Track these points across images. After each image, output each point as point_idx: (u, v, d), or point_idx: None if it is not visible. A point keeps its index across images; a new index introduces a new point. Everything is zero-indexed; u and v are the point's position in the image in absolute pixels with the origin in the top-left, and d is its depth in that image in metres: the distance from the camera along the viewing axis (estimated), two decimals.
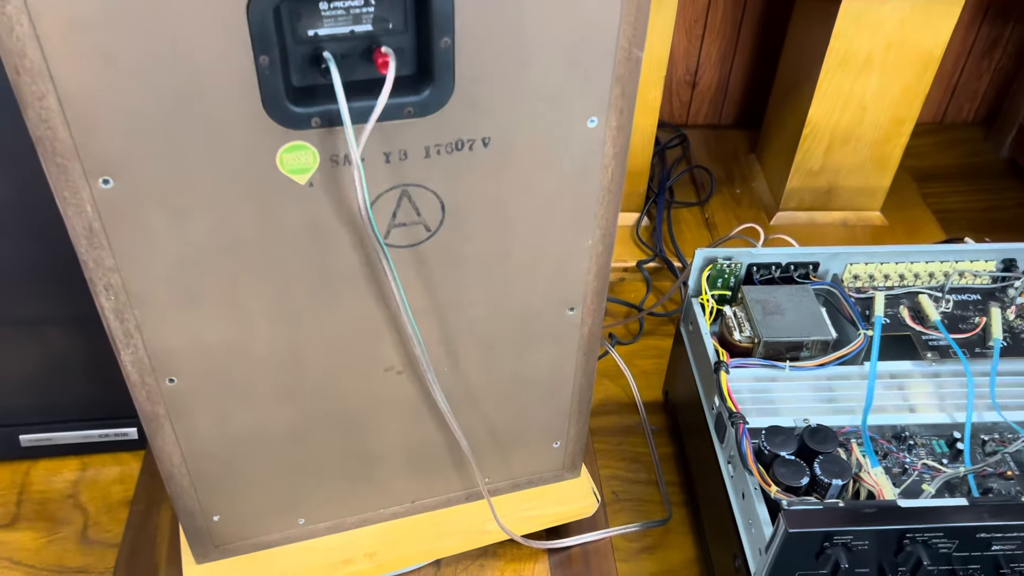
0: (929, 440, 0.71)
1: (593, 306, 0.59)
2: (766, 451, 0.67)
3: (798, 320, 0.76)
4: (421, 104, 0.46)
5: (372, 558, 0.67)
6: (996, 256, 0.82)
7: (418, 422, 0.62)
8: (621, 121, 0.49)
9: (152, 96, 0.42)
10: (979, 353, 0.77)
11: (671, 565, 0.81)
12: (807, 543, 0.60)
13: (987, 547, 0.61)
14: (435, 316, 0.56)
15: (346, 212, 0.49)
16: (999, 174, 1.29)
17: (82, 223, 0.45)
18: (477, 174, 0.50)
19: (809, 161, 1.09)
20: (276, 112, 0.44)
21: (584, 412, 0.67)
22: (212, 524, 0.64)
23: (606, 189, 0.52)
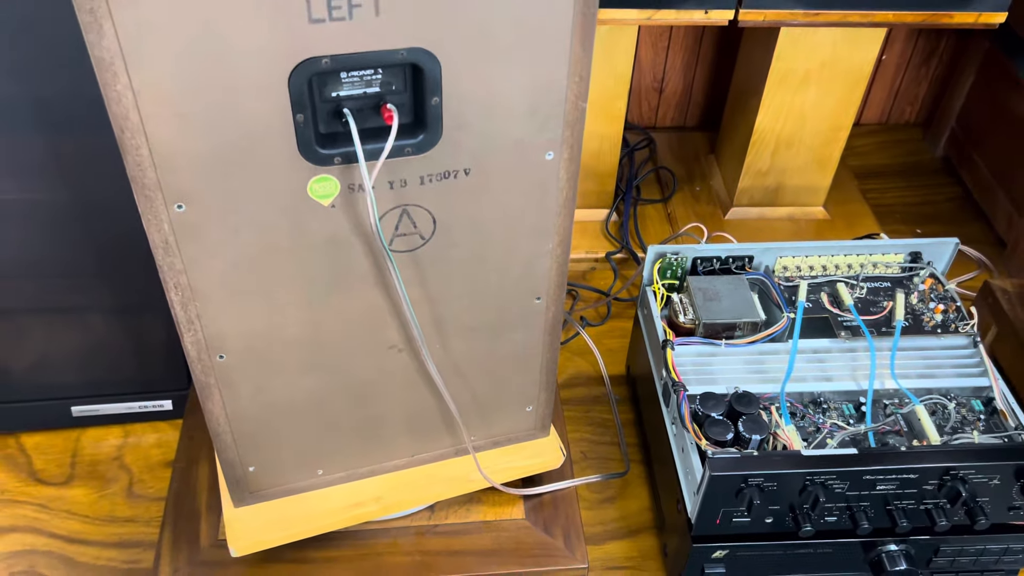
0: (840, 404, 0.86)
1: (555, 295, 0.73)
2: (700, 413, 0.81)
3: (733, 305, 0.90)
4: (417, 145, 0.60)
5: (379, 501, 0.81)
6: (904, 250, 0.96)
7: (416, 390, 0.76)
8: (572, 154, 0.63)
9: (215, 144, 0.56)
10: (885, 331, 0.91)
11: (628, 512, 0.95)
12: (728, 485, 0.74)
13: (873, 487, 0.76)
14: (429, 305, 0.70)
15: (360, 226, 0.63)
16: (934, 171, 1.43)
17: (160, 238, 0.59)
18: (461, 196, 0.64)
19: (758, 163, 1.22)
20: (308, 154, 0.58)
21: (551, 381, 0.81)
22: (248, 474, 0.78)
23: (562, 205, 0.66)
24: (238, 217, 0.59)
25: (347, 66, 0.55)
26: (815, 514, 0.77)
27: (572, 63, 0.58)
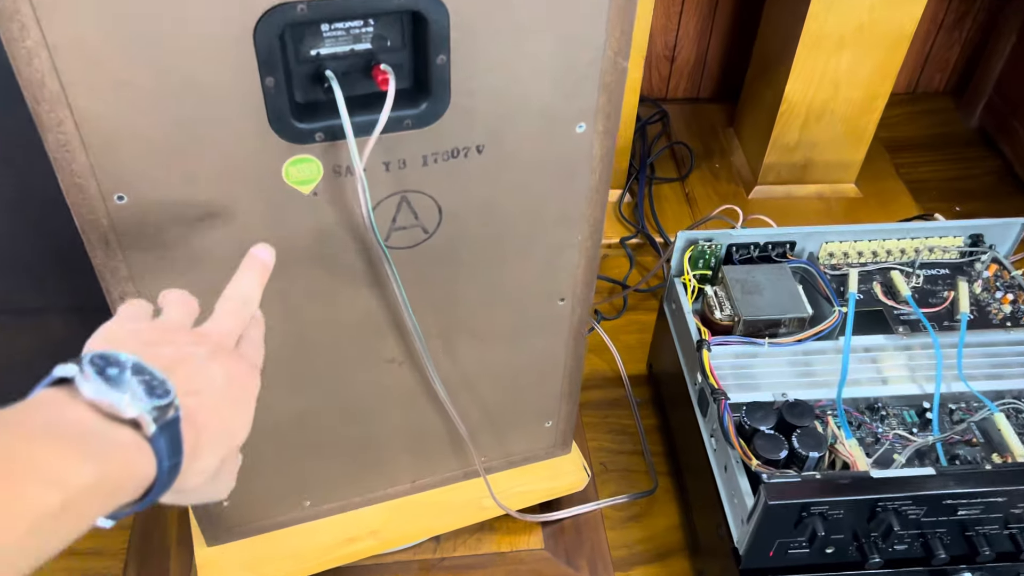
0: (900, 411, 0.75)
1: (582, 296, 0.62)
2: (747, 426, 0.70)
3: (776, 298, 0.79)
4: (419, 116, 0.48)
5: (376, 535, 0.71)
6: (963, 232, 0.86)
7: (418, 408, 0.65)
8: (608, 126, 0.52)
9: (164, 118, 0.44)
10: (947, 326, 0.81)
11: (656, 531, 0.85)
12: (786, 514, 0.64)
13: (953, 512, 0.65)
14: (433, 311, 0.59)
15: (349, 218, 0.51)
16: (968, 143, 1.32)
17: (98, 236, 0.47)
18: (472, 179, 0.52)
19: (785, 136, 1.11)
20: (281, 129, 0.46)
21: (574, 393, 0.70)
22: (222, 509, 0.66)
23: (594, 189, 0.55)
24: (195, 210, 0.48)
25: (329, 15, 0.43)
26: (885, 543, 0.66)
27: (612, 11, 0.46)
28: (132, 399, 0.32)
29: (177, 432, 0.34)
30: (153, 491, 0.33)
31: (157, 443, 0.33)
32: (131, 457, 0.32)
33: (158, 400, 0.33)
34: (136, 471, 0.32)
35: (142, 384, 0.33)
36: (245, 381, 0.40)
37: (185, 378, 0.36)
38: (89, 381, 0.32)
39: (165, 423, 0.33)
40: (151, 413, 0.33)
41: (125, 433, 0.32)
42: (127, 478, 0.32)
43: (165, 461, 0.33)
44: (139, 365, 0.34)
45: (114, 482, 0.31)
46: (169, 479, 0.34)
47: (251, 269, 0.44)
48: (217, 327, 0.41)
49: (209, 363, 0.38)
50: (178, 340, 0.38)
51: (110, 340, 0.38)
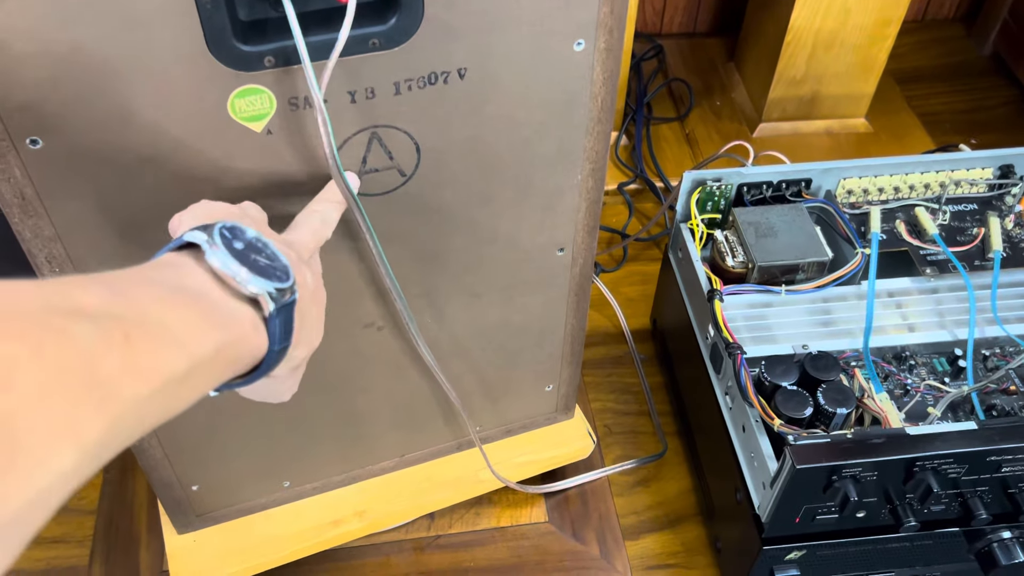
0: (930, 359, 0.69)
1: (584, 245, 0.55)
2: (766, 382, 0.64)
3: (792, 241, 0.73)
4: (387, 34, 0.41)
5: (363, 516, 0.64)
6: (993, 163, 0.79)
7: (403, 376, 0.58)
8: (611, 43, 0.44)
9: (78, 41, 0.36)
10: (978, 266, 0.74)
11: (667, 497, 0.79)
12: (815, 478, 0.58)
13: (996, 469, 0.60)
14: (415, 267, 0.52)
15: (311, 160, 0.44)
16: (982, 72, 1.25)
17: (12, 190, 0.40)
18: (454, 110, 0.45)
19: (791, 69, 1.04)
20: (223, 52, 0.38)
21: (577, 353, 0.64)
22: (191, 494, 0.60)
23: (596, 119, 0.47)
24: (128, 154, 0.40)
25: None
26: (922, 505, 0.60)
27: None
28: (254, 276, 0.33)
29: (291, 317, 0.35)
30: (260, 369, 0.34)
31: (272, 324, 0.33)
32: (247, 334, 0.32)
33: (279, 283, 0.34)
34: (250, 348, 0.33)
35: (266, 263, 0.34)
36: (320, 293, 0.41)
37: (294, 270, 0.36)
38: (217, 251, 0.32)
39: (282, 305, 0.34)
40: (271, 294, 0.33)
41: (244, 310, 0.33)
42: (242, 353, 0.32)
43: (276, 343, 0.34)
44: (264, 244, 0.34)
45: (231, 356, 0.32)
46: (276, 360, 0.35)
47: (332, 201, 0.43)
48: (298, 238, 0.41)
49: (299, 265, 0.38)
50: (272, 237, 0.38)
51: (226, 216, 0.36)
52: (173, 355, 0.28)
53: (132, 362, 0.26)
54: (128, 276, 0.30)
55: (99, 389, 0.25)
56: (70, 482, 0.24)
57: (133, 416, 0.27)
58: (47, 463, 0.23)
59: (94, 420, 0.25)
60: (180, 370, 0.28)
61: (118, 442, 0.26)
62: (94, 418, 0.25)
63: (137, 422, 0.27)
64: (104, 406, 0.25)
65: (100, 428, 0.25)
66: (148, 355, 0.27)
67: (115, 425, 0.25)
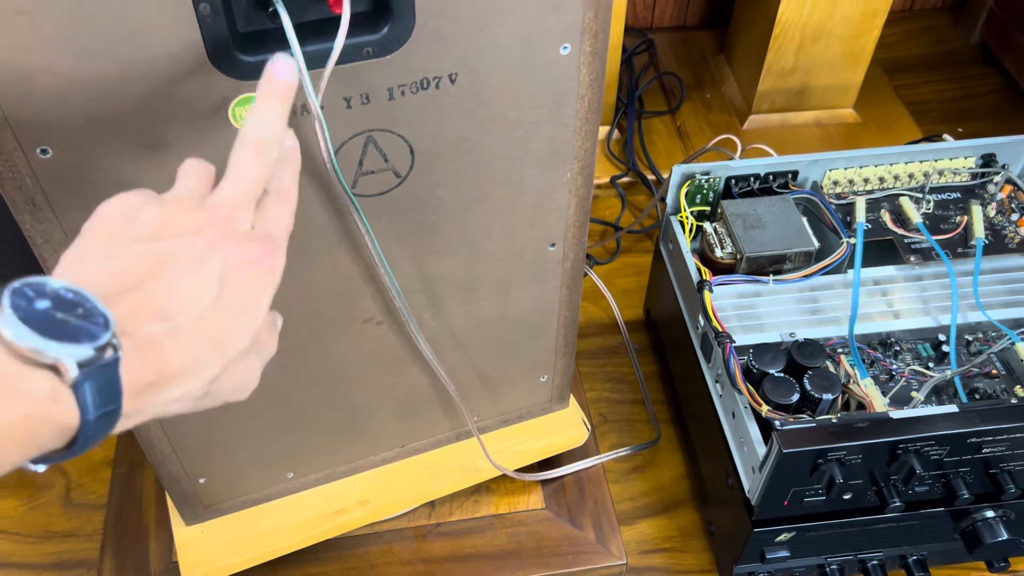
0: (915, 344, 0.71)
1: (575, 240, 0.57)
2: (754, 369, 0.66)
3: (780, 232, 0.74)
4: (380, 43, 0.42)
5: (365, 505, 0.66)
6: (975, 152, 0.80)
7: (402, 370, 0.60)
8: (596, 46, 0.46)
9: (84, 56, 0.38)
10: (962, 253, 0.76)
11: (661, 483, 0.81)
12: (802, 461, 0.60)
13: (978, 450, 0.61)
14: (412, 264, 0.53)
15: (309, 164, 0.46)
16: (970, 61, 1.26)
17: (23, 197, 0.41)
18: (446, 113, 0.46)
19: (780, 61, 1.05)
20: (224, 63, 0.40)
21: (570, 345, 0.65)
22: (199, 486, 0.62)
23: (583, 119, 0.49)
24: (134, 162, 0.42)
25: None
26: (906, 487, 0.62)
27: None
28: (50, 342, 0.28)
29: (112, 377, 0.30)
30: (78, 442, 0.30)
31: (80, 391, 0.29)
32: (41, 409, 0.28)
33: (89, 342, 0.29)
34: (52, 422, 0.29)
35: (77, 320, 0.29)
36: (254, 275, 0.35)
37: (156, 298, 0.31)
38: (5, 319, 0.28)
39: (94, 368, 0.29)
40: (77, 357, 0.29)
41: (40, 379, 0.28)
42: (39, 430, 0.28)
43: (91, 412, 0.29)
44: (77, 293, 0.30)
45: (22, 432, 0.28)
46: (99, 428, 0.30)
47: (266, 97, 0.37)
48: (227, 196, 0.35)
49: (201, 266, 0.33)
50: (175, 228, 0.33)
51: (97, 237, 0.33)
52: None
53: None
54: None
55: None
56: None
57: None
58: None
59: None
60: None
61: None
62: None
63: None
64: None
65: None
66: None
67: None
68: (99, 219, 0.34)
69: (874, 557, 0.70)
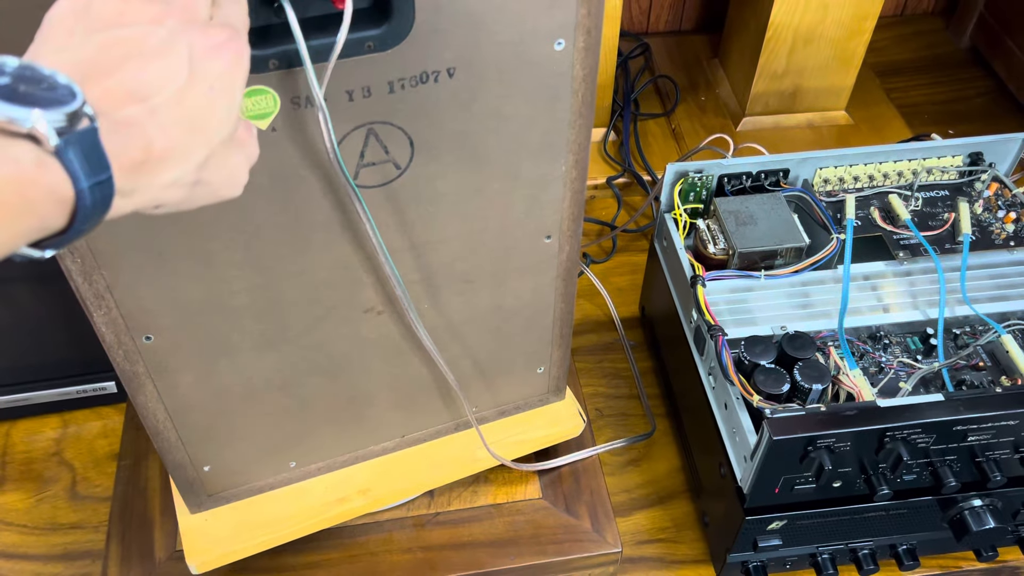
0: (904, 338, 0.73)
1: (570, 232, 0.58)
2: (746, 361, 0.67)
3: (771, 228, 0.76)
4: (381, 38, 0.44)
5: (366, 494, 0.68)
6: (962, 151, 0.82)
7: (403, 360, 0.62)
8: (589, 42, 0.48)
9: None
10: (949, 249, 0.78)
11: (656, 475, 0.82)
12: (791, 448, 0.61)
13: (963, 438, 0.63)
14: (412, 255, 0.55)
15: (313, 155, 0.47)
16: (960, 64, 1.28)
17: None
18: (444, 107, 0.48)
19: (773, 64, 1.07)
20: None
21: (566, 337, 0.67)
22: (203, 474, 0.63)
23: (577, 113, 0.51)
24: None
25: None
26: (894, 474, 0.64)
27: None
28: (19, 108, 0.27)
29: (95, 144, 0.29)
30: (78, 214, 0.29)
31: (64, 156, 0.28)
32: (29, 174, 0.28)
33: (60, 107, 0.28)
34: (44, 190, 0.28)
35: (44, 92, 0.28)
36: (223, 58, 0.34)
37: (127, 82, 0.31)
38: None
39: (74, 135, 0.28)
40: (52, 123, 0.28)
41: (22, 147, 0.28)
42: (33, 198, 0.28)
43: (83, 180, 0.29)
44: (34, 69, 0.29)
45: (16, 197, 0.27)
46: (96, 199, 0.30)
47: None
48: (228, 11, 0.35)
49: (168, 49, 0.32)
50: (132, 17, 0.32)
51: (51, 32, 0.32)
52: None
53: None
54: None
55: None
56: None
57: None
58: None
59: None
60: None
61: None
62: None
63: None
64: None
65: None
66: None
67: None
68: (49, 20, 0.32)
69: (865, 546, 0.71)
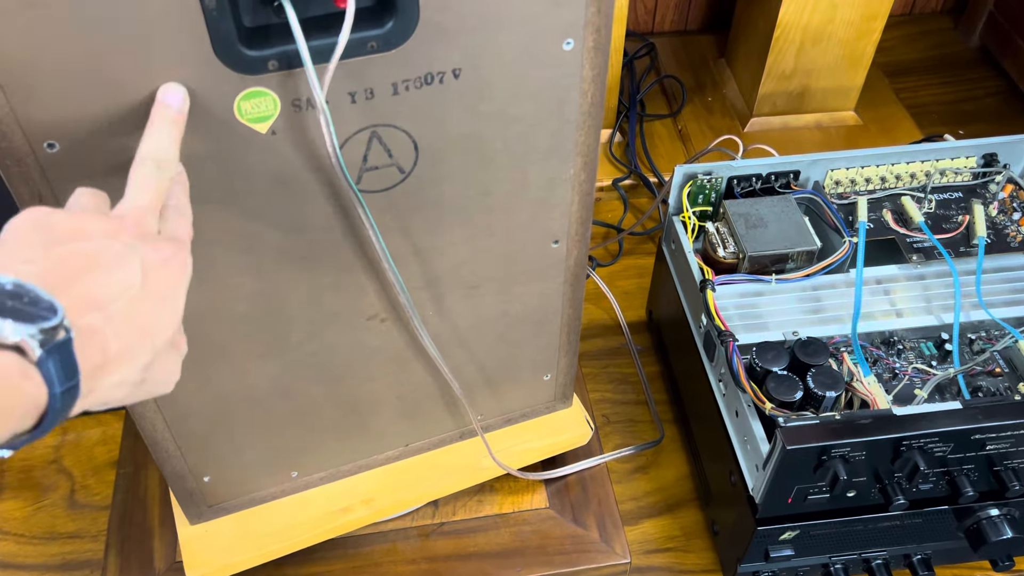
0: (917, 343, 0.71)
1: (578, 237, 0.57)
2: (758, 367, 0.66)
3: (782, 231, 0.75)
4: (385, 37, 0.42)
5: (370, 504, 0.66)
6: (976, 152, 0.81)
7: (406, 367, 0.60)
8: (599, 41, 0.46)
9: (91, 51, 0.38)
10: (964, 252, 0.76)
11: (665, 483, 0.81)
12: (805, 458, 0.60)
13: (981, 447, 0.61)
14: (416, 260, 0.53)
15: (314, 159, 0.46)
16: (970, 64, 1.26)
17: (30, 192, 0.42)
18: (449, 109, 0.47)
19: (781, 64, 1.05)
20: (229, 57, 0.40)
21: (573, 343, 0.65)
22: (203, 485, 0.62)
23: (586, 114, 0.49)
24: None
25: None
26: (910, 484, 0.62)
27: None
28: (12, 324, 0.30)
29: (69, 354, 0.32)
30: (47, 418, 0.32)
31: (45, 367, 0.31)
32: (15, 383, 0.30)
33: (43, 323, 0.31)
34: (23, 398, 0.30)
35: (27, 307, 0.31)
36: (170, 270, 0.37)
37: (88, 291, 0.33)
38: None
39: (53, 346, 0.31)
40: (36, 337, 0.30)
41: (9, 358, 0.30)
42: (15, 406, 0.30)
43: (56, 386, 0.31)
44: (19, 286, 0.31)
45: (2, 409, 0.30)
46: (64, 403, 0.32)
47: (161, 122, 0.39)
48: (134, 205, 0.38)
49: (122, 262, 0.35)
50: (89, 232, 0.35)
51: (13, 245, 0.34)
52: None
53: None
54: None
55: None
56: None
57: None
58: None
59: None
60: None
61: None
62: None
63: None
64: None
65: None
66: None
67: None
68: (10, 232, 0.35)
69: (878, 556, 0.70)
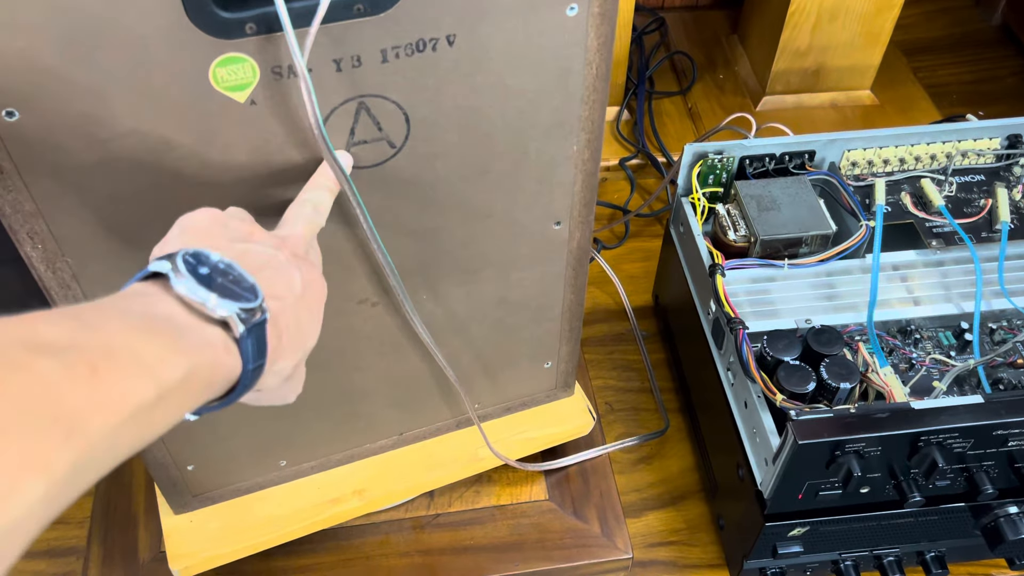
0: (935, 332, 0.68)
1: (580, 218, 0.54)
2: (768, 357, 0.63)
3: (795, 214, 0.71)
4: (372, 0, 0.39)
5: (362, 495, 0.64)
6: (1000, 133, 0.77)
7: (399, 354, 0.57)
8: (605, 7, 0.43)
9: (54, 10, 0.35)
10: (986, 237, 0.73)
11: (669, 474, 0.78)
12: (818, 453, 0.57)
13: (1003, 443, 0.58)
14: (409, 241, 0.50)
15: (297, 132, 0.43)
16: (991, 43, 1.22)
17: None
18: (443, 78, 0.43)
19: (795, 41, 1.02)
20: (203, 20, 0.37)
21: (576, 329, 0.62)
22: (187, 474, 0.59)
23: (591, 87, 0.46)
24: (106, 128, 0.39)
25: None
26: (927, 480, 0.59)
27: None
28: (221, 300, 0.33)
29: (263, 334, 0.35)
30: (236, 390, 0.34)
31: (244, 344, 0.34)
32: (219, 356, 0.33)
33: (246, 303, 0.34)
34: (223, 370, 0.33)
35: (232, 285, 0.34)
36: (317, 288, 0.41)
37: (269, 282, 0.36)
38: (182, 279, 0.33)
39: (253, 325, 0.34)
40: (240, 315, 0.33)
41: (215, 332, 0.33)
42: (215, 376, 0.33)
43: (250, 362, 0.34)
44: (229, 266, 0.34)
45: (203, 379, 0.32)
46: (252, 379, 0.35)
47: (325, 182, 0.44)
48: (292, 231, 0.42)
49: (289, 268, 0.39)
50: (260, 238, 0.39)
51: (199, 233, 0.37)
52: (142, 384, 0.29)
53: (99, 394, 0.27)
54: (97, 307, 0.31)
55: (65, 422, 0.25)
56: (44, 512, 0.25)
57: (104, 446, 0.27)
58: (14, 496, 0.23)
59: (62, 452, 0.25)
60: (149, 398, 0.29)
61: (93, 470, 0.27)
62: (61, 450, 0.25)
63: (109, 451, 0.28)
64: (72, 438, 0.25)
65: (69, 459, 0.25)
66: (115, 386, 0.28)
67: (86, 455, 0.26)
68: (192, 223, 0.38)
69: (891, 553, 0.67)
